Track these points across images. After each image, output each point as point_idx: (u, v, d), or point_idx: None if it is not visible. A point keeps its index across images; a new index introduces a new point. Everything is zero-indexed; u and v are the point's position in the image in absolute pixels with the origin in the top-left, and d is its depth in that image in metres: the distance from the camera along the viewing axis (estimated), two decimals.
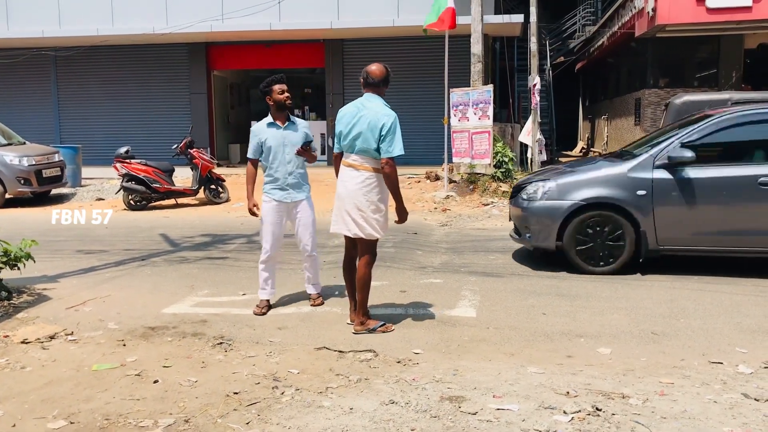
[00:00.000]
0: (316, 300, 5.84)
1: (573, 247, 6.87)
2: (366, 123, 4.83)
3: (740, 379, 4.03)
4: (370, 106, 4.90)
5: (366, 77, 4.99)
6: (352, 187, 4.94)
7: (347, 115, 4.98)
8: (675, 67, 18.77)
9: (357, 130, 4.86)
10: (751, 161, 6.76)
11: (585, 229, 6.84)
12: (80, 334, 5.09)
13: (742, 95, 11.74)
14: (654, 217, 6.67)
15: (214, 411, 3.64)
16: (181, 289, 6.43)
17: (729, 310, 5.53)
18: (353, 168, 4.95)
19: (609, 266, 6.80)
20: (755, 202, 6.51)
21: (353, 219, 4.95)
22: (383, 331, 5.04)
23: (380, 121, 4.80)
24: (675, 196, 6.63)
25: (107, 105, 19.40)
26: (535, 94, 15.65)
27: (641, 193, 6.69)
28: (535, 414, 3.51)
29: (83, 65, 19.30)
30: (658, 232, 6.69)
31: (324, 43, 18.52)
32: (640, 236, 6.72)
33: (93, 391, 3.96)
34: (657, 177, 6.69)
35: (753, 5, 15.18)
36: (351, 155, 4.96)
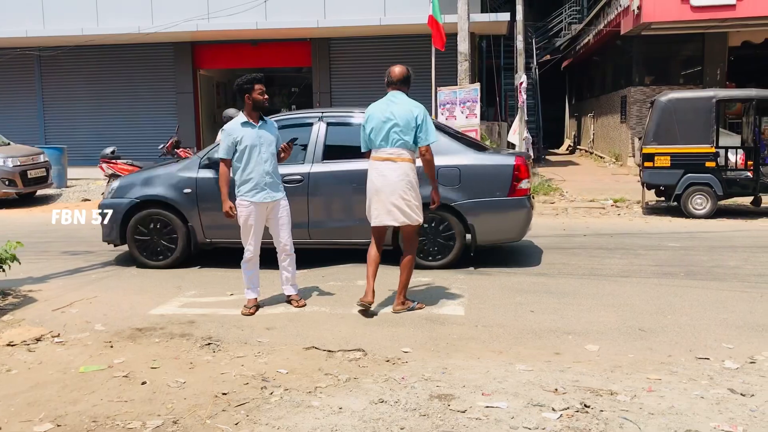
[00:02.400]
0: (298, 302, 5.82)
1: (133, 242, 7.34)
2: (400, 117, 5.26)
3: (726, 374, 4.06)
4: (399, 102, 5.34)
5: (389, 77, 5.44)
6: (393, 178, 5.31)
7: (377, 113, 5.37)
8: (660, 64, 18.88)
9: (393, 125, 5.28)
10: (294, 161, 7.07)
11: (147, 225, 7.32)
12: (67, 336, 5.05)
13: (726, 92, 11.85)
14: (199, 213, 7.19)
15: (203, 412, 3.62)
16: (168, 290, 6.39)
17: (715, 306, 5.58)
18: (391, 161, 5.32)
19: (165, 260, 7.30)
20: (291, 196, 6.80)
21: (399, 208, 5.35)
22: (420, 308, 5.55)
23: (413, 113, 5.27)
24: (216, 193, 6.70)
25: (92, 105, 19.25)
26: (521, 92, 15.68)
27: (187, 191, 7.20)
28: (523, 411, 3.52)
29: (68, 65, 19.13)
30: (204, 227, 7.23)
31: (311, 42, 18.46)
32: (189, 231, 7.25)
33: (80, 393, 3.93)
34: (201, 176, 7.18)
35: (737, 3, 15.29)
36: (386, 149, 5.33)
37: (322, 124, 7.27)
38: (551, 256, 7.69)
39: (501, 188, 6.92)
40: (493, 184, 6.94)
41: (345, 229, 7.12)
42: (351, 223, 7.06)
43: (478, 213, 6.91)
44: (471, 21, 14.27)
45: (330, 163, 7.14)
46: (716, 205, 10.48)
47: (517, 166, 6.91)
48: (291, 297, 5.87)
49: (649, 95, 16.65)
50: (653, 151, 10.67)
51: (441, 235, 7.01)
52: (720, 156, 10.57)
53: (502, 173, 6.92)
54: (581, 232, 9.34)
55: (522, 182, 6.93)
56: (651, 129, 10.82)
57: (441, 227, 7.00)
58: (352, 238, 7.12)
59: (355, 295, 6.03)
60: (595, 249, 8.13)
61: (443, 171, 6.76)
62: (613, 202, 12.24)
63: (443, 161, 6.70)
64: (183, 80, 19.06)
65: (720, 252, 7.81)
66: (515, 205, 6.92)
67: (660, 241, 8.62)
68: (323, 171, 7.11)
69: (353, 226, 7.02)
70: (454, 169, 6.83)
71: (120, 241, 7.43)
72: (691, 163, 10.51)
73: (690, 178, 10.48)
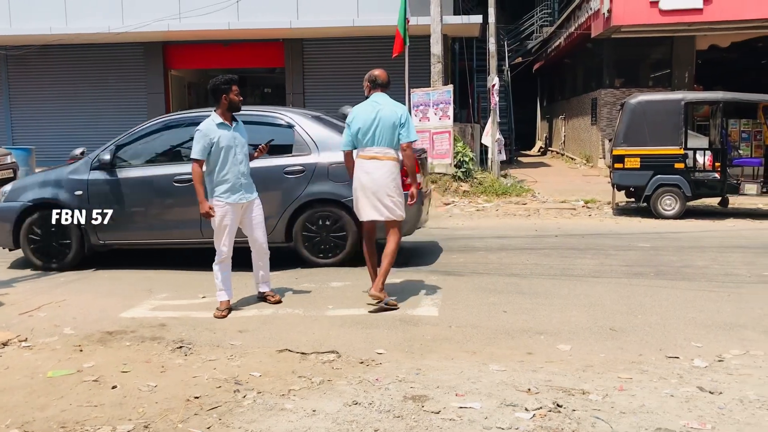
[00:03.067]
0: (274, 297, 5.83)
1: (27, 245, 7.31)
2: (386, 118, 5.59)
3: (695, 372, 4.12)
4: (385, 103, 5.68)
5: (374, 80, 5.78)
6: (379, 176, 5.60)
7: (364, 114, 5.66)
8: (630, 67, 19.14)
9: (379, 125, 5.59)
10: (170, 161, 7.34)
11: (41, 227, 7.28)
12: (35, 340, 4.96)
13: (694, 95, 12.05)
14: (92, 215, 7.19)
15: (175, 416, 3.58)
16: (139, 293, 6.31)
17: (684, 305, 5.66)
18: (377, 159, 5.62)
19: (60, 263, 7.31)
20: (173, 197, 7.12)
21: (385, 204, 5.64)
22: (393, 305, 5.61)
23: (397, 113, 5.63)
24: (107, 195, 7.16)
25: (61, 105, 18.96)
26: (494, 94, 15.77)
27: (78, 193, 7.21)
28: (497, 411, 3.54)
29: (36, 64, 18.82)
30: (96, 230, 7.21)
31: (283, 43, 18.40)
32: (83, 233, 7.23)
33: (48, 398, 3.86)
34: (92, 178, 7.25)
35: (704, 7, 15.55)
36: (372, 148, 5.62)
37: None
38: (523, 257, 7.75)
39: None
40: None
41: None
42: None
43: None
44: (444, 23, 14.35)
45: None
46: (685, 205, 10.64)
47: None
48: (266, 294, 5.87)
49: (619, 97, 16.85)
50: (623, 153, 10.79)
51: (334, 231, 7.05)
52: (689, 157, 10.73)
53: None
54: (553, 233, 9.42)
55: None
56: (621, 131, 10.96)
57: (334, 224, 7.04)
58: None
59: (329, 297, 6.02)
60: (566, 249, 8.20)
61: (334, 167, 6.88)
62: (584, 203, 12.37)
63: (333, 157, 6.81)
64: (154, 80, 18.86)
65: (689, 252, 7.93)
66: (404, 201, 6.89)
67: (630, 241, 8.73)
68: None
69: None
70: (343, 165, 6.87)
71: (14, 245, 7.38)
72: (661, 164, 10.66)
73: (659, 180, 10.63)
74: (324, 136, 7.12)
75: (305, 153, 7.08)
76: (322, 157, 7.01)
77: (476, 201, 12.75)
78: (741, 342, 4.72)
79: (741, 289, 6.17)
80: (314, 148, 7.06)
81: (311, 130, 7.17)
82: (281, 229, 7.07)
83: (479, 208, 12.09)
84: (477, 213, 11.72)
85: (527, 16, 28.61)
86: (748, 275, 6.74)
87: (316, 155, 7.03)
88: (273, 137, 6.80)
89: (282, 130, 7.25)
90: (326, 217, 7.04)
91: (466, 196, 13.04)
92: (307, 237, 7.08)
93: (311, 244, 7.08)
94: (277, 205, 7.00)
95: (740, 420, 3.41)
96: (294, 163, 7.06)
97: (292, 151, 7.17)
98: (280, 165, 7.06)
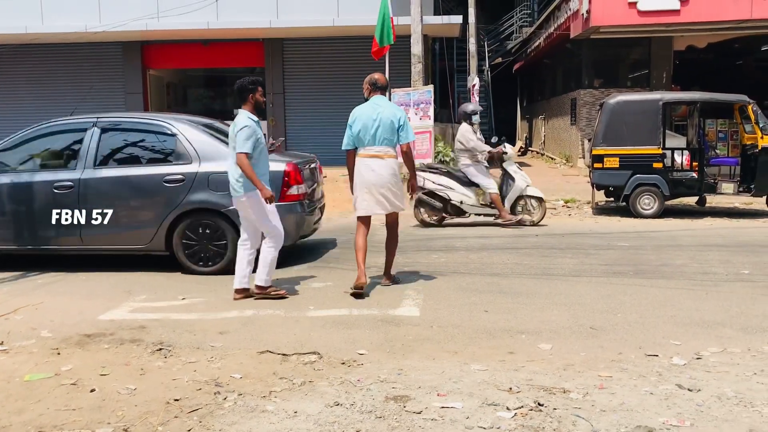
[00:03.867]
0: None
1: None
2: (386, 119, 6.01)
3: (674, 370, 4.16)
4: (384, 105, 6.13)
5: (374, 84, 6.21)
6: (383, 172, 6.06)
7: (364, 115, 6.07)
8: (609, 67, 19.29)
9: (379, 126, 6.01)
10: (51, 168, 7.39)
11: None
12: (11, 343, 4.89)
13: (672, 95, 12.17)
14: None
15: (154, 419, 3.55)
16: (117, 295, 6.25)
17: (663, 304, 5.71)
18: (379, 158, 6.07)
19: None
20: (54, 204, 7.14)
21: (387, 199, 6.13)
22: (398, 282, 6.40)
23: (396, 115, 6.07)
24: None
25: (38, 105, 18.67)
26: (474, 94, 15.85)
27: None
28: (478, 411, 3.54)
29: (11, 64, 18.56)
30: None
31: (263, 42, 18.31)
32: None
33: (25, 402, 3.81)
34: None
35: (681, 8, 15.72)
36: (373, 147, 6.06)
37: (96, 130, 7.29)
38: (504, 257, 7.78)
39: None
40: None
41: (117, 235, 7.16)
42: (123, 229, 7.12)
43: None
44: (424, 23, 14.36)
45: (103, 169, 7.19)
46: (663, 205, 10.74)
47: (287, 173, 7.04)
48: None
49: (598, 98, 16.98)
50: (602, 153, 10.88)
51: (214, 240, 7.05)
52: (667, 157, 10.83)
53: (272, 179, 6.93)
54: (533, 233, 9.47)
55: (292, 188, 7.07)
56: (600, 131, 11.04)
57: (214, 233, 7.04)
58: (126, 244, 7.22)
59: (310, 298, 6.00)
60: (547, 249, 8.24)
61: (214, 177, 6.93)
62: (564, 202, 12.45)
63: (214, 167, 6.92)
64: (132, 80, 18.69)
65: (667, 251, 8.01)
66: (286, 211, 6.91)
67: (610, 240, 8.80)
68: (95, 177, 7.14)
69: (125, 232, 7.13)
70: (224, 175, 6.78)
71: None
72: (639, 164, 10.75)
73: (638, 179, 10.72)
74: (207, 146, 7.12)
75: (186, 162, 7.07)
76: (203, 166, 7.01)
77: None
78: (719, 339, 4.77)
79: (718, 288, 6.24)
80: (195, 157, 7.06)
81: (194, 139, 7.15)
82: (161, 237, 7.05)
83: None
84: None
85: (507, 17, 28.76)
86: (726, 273, 6.82)
87: (197, 164, 7.02)
88: (156, 145, 7.15)
89: (165, 138, 7.26)
90: (206, 226, 7.03)
91: None
92: (187, 245, 7.06)
93: (191, 252, 7.06)
94: (157, 214, 7.02)
95: (718, 417, 3.45)
96: (174, 171, 7.04)
97: (173, 159, 7.17)
98: (161, 173, 7.06)
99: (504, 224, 9.83)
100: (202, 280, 6.79)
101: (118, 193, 7.11)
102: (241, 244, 6.08)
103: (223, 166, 6.78)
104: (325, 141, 17.00)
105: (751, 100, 10.63)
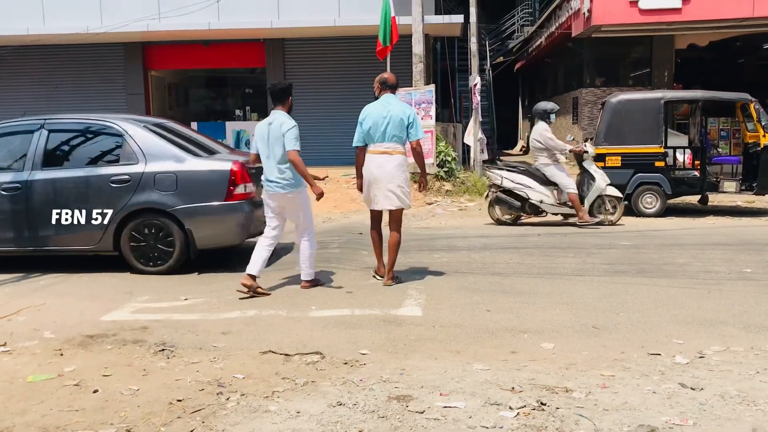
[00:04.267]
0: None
1: None
2: (395, 117, 6.20)
3: (677, 369, 4.15)
4: (394, 104, 6.30)
5: (384, 82, 6.42)
6: (390, 168, 6.22)
7: (375, 113, 6.25)
8: (610, 66, 19.30)
9: (389, 123, 6.18)
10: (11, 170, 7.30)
11: None
12: (14, 344, 4.89)
13: (674, 94, 12.17)
14: None
15: (157, 419, 3.55)
16: (119, 296, 6.26)
17: (665, 303, 5.70)
18: (387, 154, 6.23)
19: None
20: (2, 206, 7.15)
21: (395, 194, 6.26)
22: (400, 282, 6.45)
23: (406, 113, 6.27)
24: None
25: (40, 106, 18.63)
26: (475, 93, 15.83)
27: None
28: (481, 410, 3.54)
29: (13, 66, 18.56)
30: None
31: (264, 43, 18.30)
32: None
33: (29, 403, 3.81)
34: None
35: (682, 7, 15.73)
36: (383, 144, 6.23)
37: (43, 131, 7.30)
38: (506, 256, 7.77)
39: (217, 193, 7.01)
40: (210, 190, 7.03)
41: (66, 236, 7.17)
42: (71, 230, 7.11)
43: (195, 218, 6.99)
44: (425, 22, 14.36)
45: (50, 171, 7.19)
46: (665, 203, 10.74)
47: (233, 172, 7.03)
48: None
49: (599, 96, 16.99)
50: (604, 152, 10.87)
51: (161, 240, 7.06)
52: (669, 156, 10.83)
53: (218, 178, 7.03)
54: (535, 232, 9.47)
55: (238, 187, 7.06)
56: (602, 130, 11.04)
57: (160, 233, 7.06)
58: (75, 245, 7.23)
59: (312, 298, 6.01)
60: (549, 248, 8.24)
61: (160, 177, 6.96)
62: None
63: (160, 167, 6.95)
64: (134, 81, 18.69)
65: (669, 250, 8.00)
66: (232, 210, 7.00)
67: (612, 239, 8.79)
68: (43, 179, 7.15)
69: (73, 233, 7.12)
70: (171, 175, 6.91)
71: None
72: (641, 163, 10.75)
73: (640, 178, 10.72)
74: (154, 146, 7.13)
75: (132, 162, 7.09)
76: (149, 166, 7.02)
77: (459, 200, 12.79)
78: (722, 338, 4.76)
79: (721, 286, 6.24)
80: (142, 157, 7.08)
81: (141, 140, 7.16)
82: (109, 238, 7.07)
83: (462, 208, 12.12)
84: (460, 212, 11.75)
85: (508, 16, 28.73)
86: (728, 272, 6.82)
87: (143, 165, 7.04)
88: (103, 145, 7.18)
89: (112, 139, 7.28)
90: (153, 226, 7.05)
91: (448, 196, 13.07)
92: (135, 246, 7.08)
93: (139, 252, 7.08)
94: (104, 214, 7.02)
95: (721, 415, 3.44)
96: (120, 172, 7.05)
97: (120, 159, 7.18)
98: (107, 174, 7.08)
99: (581, 225, 9.74)
100: (205, 281, 6.79)
101: (66, 195, 7.10)
102: (265, 237, 6.28)
103: (170, 166, 6.95)
104: (327, 141, 17.03)
105: (753, 98, 10.62)
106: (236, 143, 18.98)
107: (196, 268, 7.21)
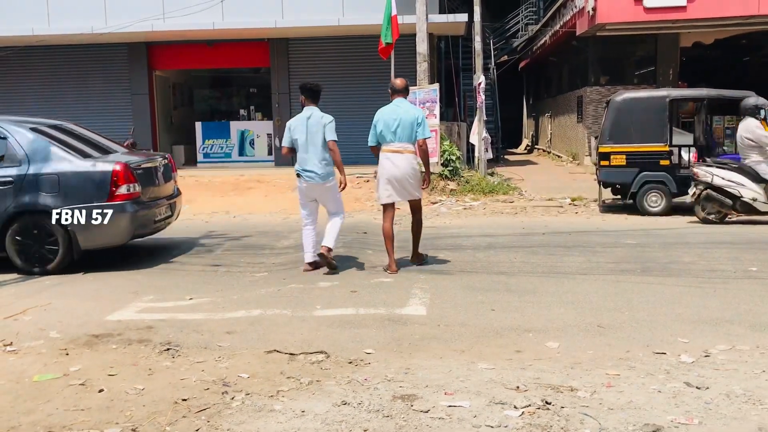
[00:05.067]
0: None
1: None
2: (405, 118, 6.78)
3: (682, 368, 4.14)
4: (405, 107, 6.91)
5: (393, 87, 7.07)
6: (404, 165, 6.81)
7: (386, 115, 6.84)
8: (615, 65, 19.23)
9: (399, 125, 6.76)
10: None
11: None
12: (20, 344, 4.91)
13: (679, 92, 12.12)
14: None
15: (162, 419, 3.56)
16: (124, 296, 6.27)
17: (671, 301, 5.69)
18: (399, 153, 6.81)
19: None
20: None
21: (407, 188, 6.87)
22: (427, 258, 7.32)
23: (415, 115, 6.86)
24: None
25: (44, 107, 18.70)
26: (480, 92, 15.80)
27: None
28: (486, 410, 3.54)
29: (17, 66, 18.62)
30: None
31: (268, 43, 18.33)
32: None
33: (34, 403, 3.82)
34: None
35: (687, 5, 15.66)
36: (394, 143, 6.81)
37: None
38: (511, 255, 7.76)
39: (100, 194, 7.09)
40: (92, 190, 7.12)
41: None
42: None
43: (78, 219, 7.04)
44: (429, 21, 14.35)
45: None
46: (671, 202, 10.70)
47: (115, 173, 7.09)
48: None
49: (604, 95, 16.94)
50: (609, 150, 10.85)
51: (45, 241, 7.10)
52: (674, 154, 10.78)
53: (100, 179, 7.10)
54: (540, 231, 9.45)
55: (121, 188, 7.12)
56: (607, 128, 11.01)
57: (44, 234, 7.09)
58: None
59: (316, 297, 6.01)
60: (553, 247, 8.23)
61: (43, 178, 7.03)
62: (570, 200, 12.42)
63: (43, 169, 7.02)
64: (138, 81, 18.73)
65: (675, 248, 7.98)
66: (115, 210, 7.05)
67: (617, 238, 8.77)
68: None
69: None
70: (53, 176, 6.93)
71: None
72: (646, 161, 10.72)
73: (645, 177, 10.69)
74: (39, 148, 7.16)
75: (15, 164, 7.10)
76: (32, 168, 7.05)
77: (463, 199, 12.77)
78: (727, 337, 4.75)
79: (727, 285, 6.22)
80: (25, 159, 7.10)
81: (24, 142, 7.18)
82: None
83: (466, 207, 12.11)
84: (464, 211, 11.74)
85: (512, 15, 28.68)
86: (734, 271, 6.79)
87: (26, 166, 7.06)
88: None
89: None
90: (37, 227, 7.09)
91: (453, 195, 13.05)
92: (20, 247, 7.13)
93: (24, 254, 7.13)
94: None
95: (727, 415, 3.43)
96: (3, 174, 7.08)
97: (3, 162, 7.18)
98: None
99: None
100: (209, 280, 6.80)
101: None
102: (305, 226, 6.98)
103: (53, 167, 7.01)
104: None
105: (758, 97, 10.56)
106: (240, 143, 19.01)
107: (82, 268, 7.29)
